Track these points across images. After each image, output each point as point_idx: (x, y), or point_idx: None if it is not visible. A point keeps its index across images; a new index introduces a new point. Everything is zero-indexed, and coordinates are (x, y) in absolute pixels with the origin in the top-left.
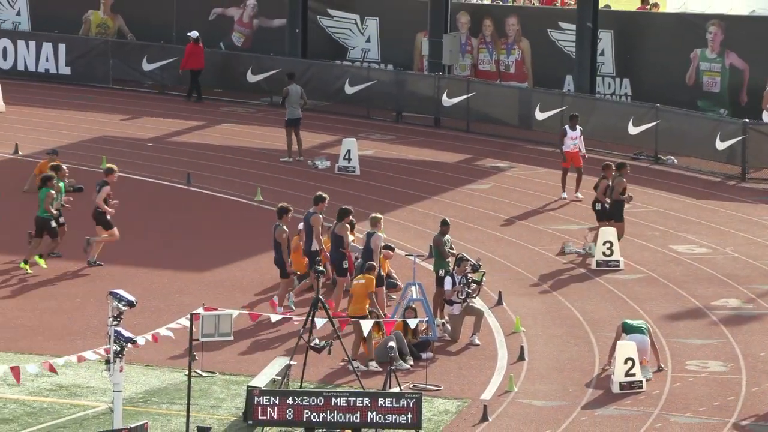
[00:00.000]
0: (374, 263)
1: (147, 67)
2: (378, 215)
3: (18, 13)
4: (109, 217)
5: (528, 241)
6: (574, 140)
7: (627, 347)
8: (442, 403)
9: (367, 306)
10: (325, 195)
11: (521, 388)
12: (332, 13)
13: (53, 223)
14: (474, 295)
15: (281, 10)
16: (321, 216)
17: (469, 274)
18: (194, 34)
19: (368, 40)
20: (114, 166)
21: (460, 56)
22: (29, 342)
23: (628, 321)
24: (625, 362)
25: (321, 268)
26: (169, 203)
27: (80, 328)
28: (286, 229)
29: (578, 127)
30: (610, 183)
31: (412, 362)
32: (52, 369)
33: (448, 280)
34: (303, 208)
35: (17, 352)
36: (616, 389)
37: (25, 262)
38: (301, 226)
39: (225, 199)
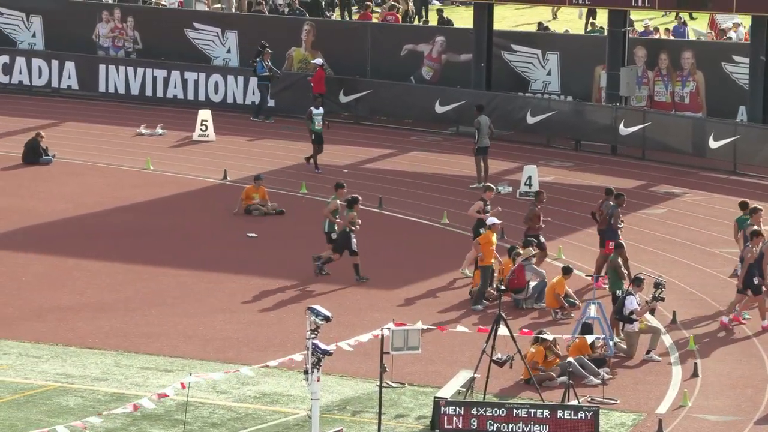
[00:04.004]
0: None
1: (343, 99)
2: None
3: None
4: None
5: (701, 264)
6: None
7: None
8: (619, 416)
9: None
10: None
11: (695, 403)
12: (516, 48)
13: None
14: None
15: (468, 45)
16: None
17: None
18: (319, 60)
19: (549, 73)
20: (491, 185)
21: (637, 88)
22: (236, 353)
23: None
24: None
25: (502, 287)
26: (361, 226)
27: (281, 340)
28: None
29: None
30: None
31: (602, 377)
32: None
33: (632, 300)
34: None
35: (225, 362)
36: None
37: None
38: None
39: (413, 222)
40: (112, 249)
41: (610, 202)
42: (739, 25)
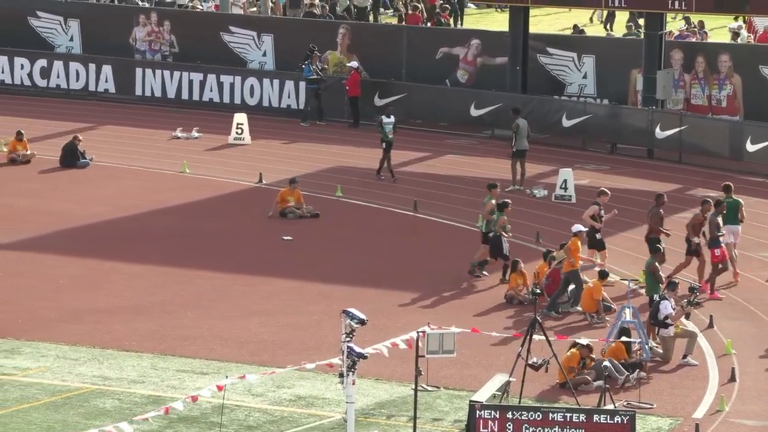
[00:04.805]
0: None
1: (378, 102)
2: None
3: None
4: (599, 236)
5: (738, 267)
6: None
7: None
8: (655, 420)
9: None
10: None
11: (732, 408)
12: (551, 51)
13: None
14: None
15: (503, 49)
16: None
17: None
18: (354, 63)
19: (585, 77)
20: (606, 190)
21: (673, 91)
22: (271, 355)
23: None
24: None
25: (538, 290)
26: (397, 228)
27: (316, 343)
28: None
29: None
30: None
31: (634, 377)
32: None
33: (666, 304)
34: (521, 233)
35: (260, 365)
36: None
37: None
38: None
39: (448, 225)
40: (148, 252)
41: (709, 212)
42: None
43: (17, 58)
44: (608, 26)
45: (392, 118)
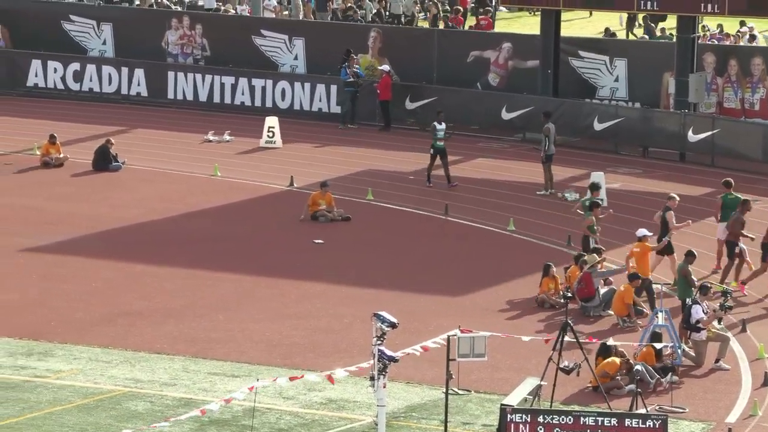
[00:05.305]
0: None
1: (409, 105)
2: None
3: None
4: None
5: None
6: None
7: None
8: (687, 425)
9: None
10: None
11: (765, 412)
12: (583, 54)
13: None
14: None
15: (534, 52)
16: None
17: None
18: (386, 67)
19: (617, 80)
20: (675, 195)
21: (706, 94)
22: (302, 358)
23: None
24: None
25: (569, 294)
26: (427, 232)
27: (347, 346)
28: None
29: None
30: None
31: (664, 382)
32: (330, 379)
33: (698, 308)
34: (552, 236)
35: (291, 368)
36: None
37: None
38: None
39: (480, 228)
40: (180, 255)
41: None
42: None
43: (51, 62)
44: (631, 30)
45: (444, 125)
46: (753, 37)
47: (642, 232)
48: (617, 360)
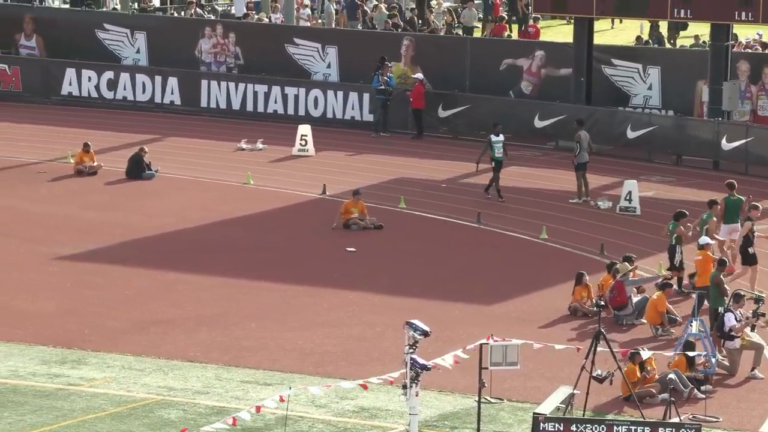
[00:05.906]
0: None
1: (442, 114)
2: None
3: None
4: (751, 251)
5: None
6: None
7: None
8: None
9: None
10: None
11: None
12: (616, 62)
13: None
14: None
15: (567, 60)
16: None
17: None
18: (419, 75)
19: (650, 88)
20: (757, 204)
21: (740, 102)
22: (334, 367)
23: None
24: None
25: (602, 303)
26: (460, 240)
27: (380, 355)
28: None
29: None
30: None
31: (698, 392)
32: (363, 386)
33: (730, 316)
34: (585, 245)
35: (324, 376)
36: None
37: None
38: None
39: (512, 236)
40: (212, 263)
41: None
42: None
43: (85, 71)
44: (653, 38)
45: (501, 137)
46: None
47: (704, 239)
48: (634, 365)
